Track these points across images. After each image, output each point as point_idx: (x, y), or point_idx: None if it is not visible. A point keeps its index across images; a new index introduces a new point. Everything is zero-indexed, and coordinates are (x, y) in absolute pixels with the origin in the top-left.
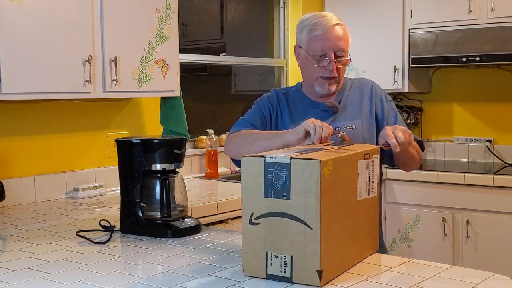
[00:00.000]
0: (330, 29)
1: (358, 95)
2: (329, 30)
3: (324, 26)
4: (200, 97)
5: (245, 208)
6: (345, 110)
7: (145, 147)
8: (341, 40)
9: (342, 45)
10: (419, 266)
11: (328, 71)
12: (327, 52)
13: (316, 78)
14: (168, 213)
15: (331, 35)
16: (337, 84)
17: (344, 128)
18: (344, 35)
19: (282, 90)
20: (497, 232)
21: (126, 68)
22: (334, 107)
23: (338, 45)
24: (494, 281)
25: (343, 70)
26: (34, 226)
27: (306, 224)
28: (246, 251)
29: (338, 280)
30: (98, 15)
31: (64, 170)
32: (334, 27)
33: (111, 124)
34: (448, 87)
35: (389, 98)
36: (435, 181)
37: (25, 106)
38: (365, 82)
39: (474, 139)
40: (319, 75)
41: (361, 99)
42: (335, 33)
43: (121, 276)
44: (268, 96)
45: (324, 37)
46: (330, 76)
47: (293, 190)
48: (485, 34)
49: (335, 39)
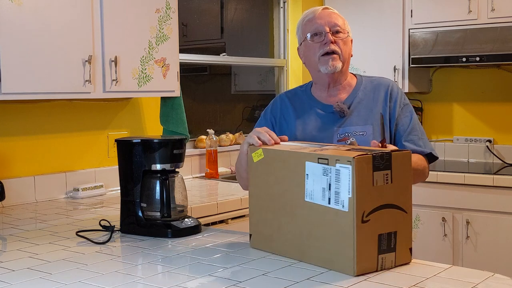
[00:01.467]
0: (321, 11)
1: (372, 97)
2: (319, 12)
3: (314, 12)
4: (200, 97)
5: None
6: (357, 113)
7: (145, 147)
8: (333, 16)
9: (335, 20)
10: (419, 266)
11: (326, 44)
12: (321, 30)
13: (318, 59)
14: (168, 213)
15: (322, 14)
16: (342, 62)
17: (354, 134)
18: (336, 15)
19: (289, 93)
20: (497, 232)
21: (126, 68)
22: (341, 111)
23: (330, 21)
24: (494, 281)
25: (346, 47)
26: (34, 226)
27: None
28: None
29: (338, 280)
30: (98, 15)
31: (64, 170)
32: (324, 10)
33: (111, 124)
34: (448, 87)
35: (405, 101)
36: (435, 181)
37: (25, 106)
38: (382, 82)
39: (474, 139)
40: (319, 53)
41: (376, 101)
42: (325, 13)
43: (121, 276)
44: (272, 107)
45: (315, 18)
46: (329, 50)
47: None
48: (485, 34)
49: (326, 16)
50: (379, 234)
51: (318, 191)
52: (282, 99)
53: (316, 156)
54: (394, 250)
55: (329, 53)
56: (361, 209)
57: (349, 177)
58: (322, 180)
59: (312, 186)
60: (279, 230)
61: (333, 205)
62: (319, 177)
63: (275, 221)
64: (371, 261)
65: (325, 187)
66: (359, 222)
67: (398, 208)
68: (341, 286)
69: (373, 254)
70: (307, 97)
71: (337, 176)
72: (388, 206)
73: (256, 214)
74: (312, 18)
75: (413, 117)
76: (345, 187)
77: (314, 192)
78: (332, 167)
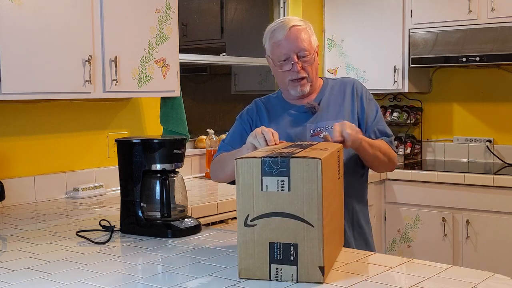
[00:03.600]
0: (287, 33)
1: (339, 95)
2: (286, 34)
3: (281, 31)
4: (200, 97)
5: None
6: (327, 110)
7: (145, 147)
8: (300, 40)
9: (302, 45)
10: (419, 266)
11: (294, 73)
12: (289, 55)
13: (287, 83)
14: (168, 213)
15: (289, 38)
16: (310, 83)
17: (326, 128)
18: (303, 35)
19: (263, 99)
20: (497, 232)
21: (126, 68)
22: (312, 107)
23: (298, 46)
24: (494, 281)
25: (313, 69)
26: (34, 226)
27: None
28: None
29: (338, 280)
30: (98, 15)
31: (64, 170)
32: (291, 30)
33: (111, 124)
34: (448, 87)
35: (370, 96)
36: (435, 181)
37: (25, 106)
38: (347, 81)
39: (474, 139)
40: (288, 78)
41: (343, 98)
42: (292, 35)
43: (121, 276)
44: (248, 109)
45: (283, 41)
46: (298, 77)
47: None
48: (485, 34)
49: (293, 41)
50: (270, 242)
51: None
52: (257, 103)
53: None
54: (295, 264)
55: (298, 79)
56: (244, 212)
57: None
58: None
59: None
60: None
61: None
62: None
63: None
64: (259, 267)
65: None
66: (241, 225)
67: (298, 219)
68: (341, 286)
69: (261, 260)
70: (280, 101)
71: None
72: (283, 215)
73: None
74: (280, 43)
75: (378, 110)
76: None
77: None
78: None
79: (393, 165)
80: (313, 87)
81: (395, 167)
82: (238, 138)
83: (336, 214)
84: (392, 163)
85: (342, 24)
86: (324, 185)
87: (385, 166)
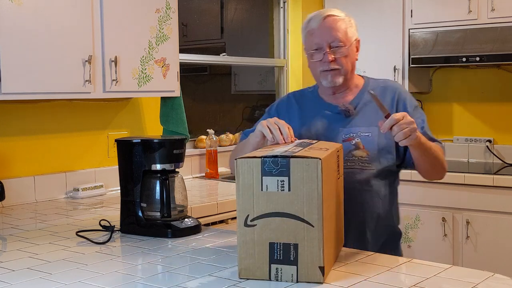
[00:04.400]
0: (322, 22)
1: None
2: (321, 23)
3: (316, 19)
4: (200, 97)
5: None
6: (362, 115)
7: (145, 147)
8: (334, 30)
9: (335, 35)
10: (419, 266)
11: (325, 63)
12: (321, 45)
13: (319, 73)
14: (168, 213)
15: (323, 27)
16: (343, 76)
17: (359, 134)
18: (338, 25)
19: (297, 93)
20: (497, 232)
21: (126, 68)
22: (346, 111)
23: (331, 35)
24: (494, 281)
25: (347, 62)
26: (34, 226)
27: (306, 222)
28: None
29: (338, 280)
30: (98, 15)
31: (64, 170)
32: (326, 19)
33: (111, 124)
34: (448, 87)
35: (414, 103)
36: (435, 181)
37: (25, 106)
38: (389, 86)
39: (474, 139)
40: (319, 69)
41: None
42: (326, 24)
43: (121, 276)
44: (278, 104)
45: (316, 30)
46: (328, 68)
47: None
48: (485, 34)
49: (326, 30)
50: (270, 242)
51: None
52: (289, 98)
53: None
54: (295, 264)
55: (329, 70)
56: (244, 212)
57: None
58: None
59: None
60: None
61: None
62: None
63: None
64: (259, 267)
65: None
66: (241, 225)
67: (298, 219)
68: (341, 286)
69: (261, 260)
70: (315, 98)
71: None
72: (283, 215)
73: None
74: (313, 32)
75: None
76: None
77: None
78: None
79: (445, 173)
80: (348, 82)
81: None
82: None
83: (336, 214)
84: (444, 170)
85: None
86: (324, 185)
87: (437, 174)
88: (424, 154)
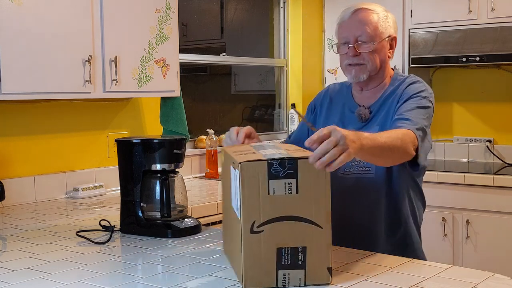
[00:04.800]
0: (352, 15)
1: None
2: (351, 15)
3: (347, 13)
4: (200, 97)
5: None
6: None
7: (145, 147)
8: (362, 23)
9: (363, 29)
10: (419, 266)
11: (350, 57)
12: (348, 39)
13: (345, 67)
14: (168, 213)
15: (352, 20)
16: (368, 72)
17: None
18: (368, 19)
19: (337, 84)
20: (497, 232)
21: (126, 68)
22: (361, 115)
23: (357, 30)
24: (494, 281)
25: (375, 58)
26: (34, 226)
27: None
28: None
29: (338, 280)
30: (98, 15)
31: (64, 170)
32: (356, 12)
33: (111, 124)
34: (448, 87)
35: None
36: (435, 181)
37: (25, 106)
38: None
39: (474, 139)
40: (345, 62)
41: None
42: (356, 17)
43: (121, 276)
44: (316, 96)
45: (345, 23)
46: (352, 62)
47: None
48: (485, 34)
49: (354, 25)
50: (278, 248)
51: (233, 197)
52: (327, 90)
53: (231, 160)
54: (304, 267)
55: (353, 64)
56: (249, 218)
57: (239, 183)
58: (234, 185)
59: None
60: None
61: (237, 212)
62: (233, 182)
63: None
64: (266, 275)
65: (235, 193)
66: (246, 232)
67: (307, 221)
68: (341, 286)
69: (268, 267)
70: (347, 93)
71: (235, 181)
72: (291, 218)
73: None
74: (342, 24)
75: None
76: (236, 193)
77: (232, 198)
78: (235, 171)
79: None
80: (376, 80)
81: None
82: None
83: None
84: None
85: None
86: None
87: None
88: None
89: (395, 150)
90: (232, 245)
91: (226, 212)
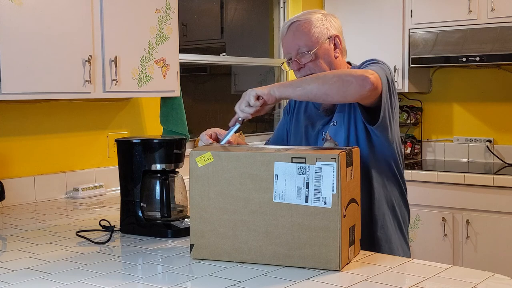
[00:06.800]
0: (286, 32)
1: None
2: (286, 33)
3: (282, 31)
4: (200, 97)
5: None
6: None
7: (145, 147)
8: (297, 37)
9: (298, 43)
10: (419, 266)
11: (297, 72)
12: (290, 55)
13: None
14: (168, 213)
15: (288, 37)
16: None
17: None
18: (300, 31)
19: None
20: (497, 232)
21: (126, 68)
22: (326, 109)
23: (294, 45)
24: (494, 281)
25: (318, 63)
26: (34, 226)
27: None
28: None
29: (338, 280)
30: (98, 15)
31: (64, 170)
32: (289, 28)
33: (111, 124)
34: (448, 87)
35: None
36: (435, 181)
37: (25, 106)
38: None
39: (474, 139)
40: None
41: None
42: (289, 33)
43: (121, 276)
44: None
45: (284, 40)
46: (300, 75)
47: None
48: (485, 34)
49: (290, 41)
50: (349, 227)
51: (291, 190)
52: None
53: (289, 156)
54: (353, 242)
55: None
56: (342, 204)
57: (333, 174)
58: (298, 179)
59: (283, 186)
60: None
61: (313, 203)
62: (292, 176)
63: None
64: (346, 254)
65: (301, 186)
66: (342, 217)
67: (356, 202)
68: (341, 286)
69: (347, 247)
70: None
71: (318, 174)
72: (353, 200)
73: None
74: (282, 42)
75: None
76: (328, 184)
77: (286, 192)
78: (311, 166)
79: (360, 80)
80: None
81: (370, 86)
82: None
83: None
84: (353, 76)
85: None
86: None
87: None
88: (319, 87)
89: (343, 76)
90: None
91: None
